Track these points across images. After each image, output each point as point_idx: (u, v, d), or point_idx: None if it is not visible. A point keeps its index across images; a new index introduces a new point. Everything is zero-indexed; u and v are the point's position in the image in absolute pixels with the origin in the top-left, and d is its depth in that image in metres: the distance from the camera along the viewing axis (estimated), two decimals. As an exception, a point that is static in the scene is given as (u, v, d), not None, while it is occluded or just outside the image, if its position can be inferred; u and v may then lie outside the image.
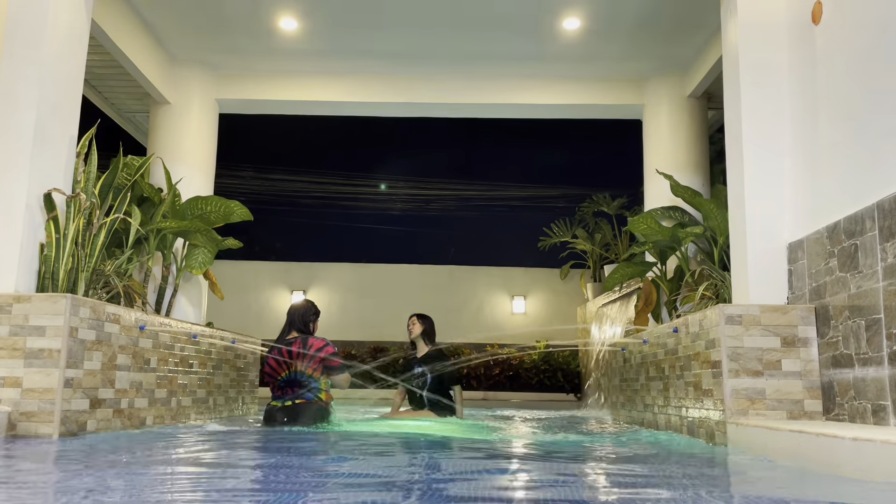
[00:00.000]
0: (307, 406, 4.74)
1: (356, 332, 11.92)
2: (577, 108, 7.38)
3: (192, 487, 2.12)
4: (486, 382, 10.45)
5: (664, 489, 2.17)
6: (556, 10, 6.10)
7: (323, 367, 4.82)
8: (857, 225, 3.56)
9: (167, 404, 5.06)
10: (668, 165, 6.86)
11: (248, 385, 6.88)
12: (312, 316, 5.08)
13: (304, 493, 1.98)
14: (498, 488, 2.11)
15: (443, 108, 7.53)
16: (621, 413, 6.26)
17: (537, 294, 12.52)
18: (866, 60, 3.61)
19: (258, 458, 2.97)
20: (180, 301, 6.37)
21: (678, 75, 7.06)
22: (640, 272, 6.48)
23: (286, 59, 7.00)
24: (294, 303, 5.23)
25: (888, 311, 3.27)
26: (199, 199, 6.17)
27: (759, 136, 4.42)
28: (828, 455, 2.78)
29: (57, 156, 4.35)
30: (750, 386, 3.87)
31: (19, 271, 4.03)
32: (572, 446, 3.70)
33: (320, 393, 4.81)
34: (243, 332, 6.93)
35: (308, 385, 4.78)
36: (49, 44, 4.30)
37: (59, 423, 3.79)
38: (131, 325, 4.55)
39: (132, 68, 6.23)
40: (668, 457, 3.28)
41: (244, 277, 12.16)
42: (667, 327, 4.93)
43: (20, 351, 3.83)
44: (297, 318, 5.00)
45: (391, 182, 19.78)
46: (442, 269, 12.75)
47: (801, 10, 4.29)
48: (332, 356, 4.83)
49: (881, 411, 3.32)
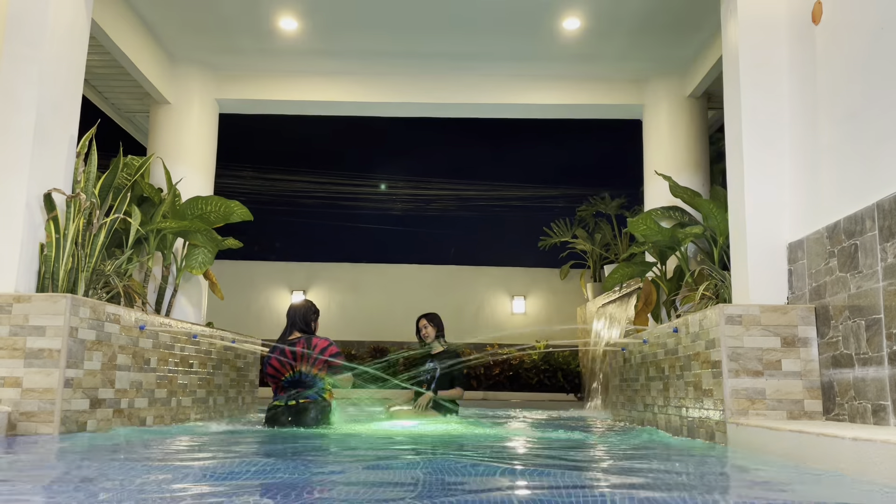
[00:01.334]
0: (312, 405, 4.74)
1: (356, 332, 11.93)
2: (577, 108, 7.38)
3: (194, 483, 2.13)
4: (486, 382, 10.46)
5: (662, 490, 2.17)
6: (556, 10, 6.10)
7: (327, 366, 4.81)
8: (857, 225, 3.56)
9: (167, 404, 5.06)
10: (667, 165, 6.86)
11: (248, 385, 6.88)
12: (313, 315, 5.08)
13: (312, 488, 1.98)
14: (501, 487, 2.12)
15: (442, 108, 7.52)
16: (621, 413, 6.26)
17: (537, 294, 12.52)
18: (866, 60, 3.61)
19: (264, 459, 2.97)
20: (180, 301, 6.37)
21: (678, 75, 7.06)
22: (640, 272, 6.48)
23: (286, 59, 7.00)
24: (293, 303, 5.22)
25: (888, 311, 3.27)
26: (199, 199, 6.17)
27: (758, 136, 4.42)
28: (828, 455, 2.78)
29: (57, 156, 4.35)
30: (750, 386, 3.87)
31: (19, 271, 4.03)
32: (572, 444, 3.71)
33: (324, 392, 4.82)
34: (243, 332, 6.93)
35: (313, 385, 4.78)
36: (49, 44, 4.30)
37: (59, 422, 3.79)
38: (131, 325, 4.56)
39: (132, 68, 6.23)
40: (668, 456, 3.29)
41: (244, 277, 12.16)
42: (667, 327, 4.93)
43: (20, 351, 3.84)
44: (298, 319, 4.99)
45: (391, 182, 19.78)
46: (442, 269, 12.75)
47: (801, 10, 4.29)
48: (336, 356, 4.83)
49: (881, 411, 3.32)
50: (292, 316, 5.02)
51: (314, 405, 4.74)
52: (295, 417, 4.70)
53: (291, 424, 4.69)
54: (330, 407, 4.82)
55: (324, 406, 4.77)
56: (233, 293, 10.57)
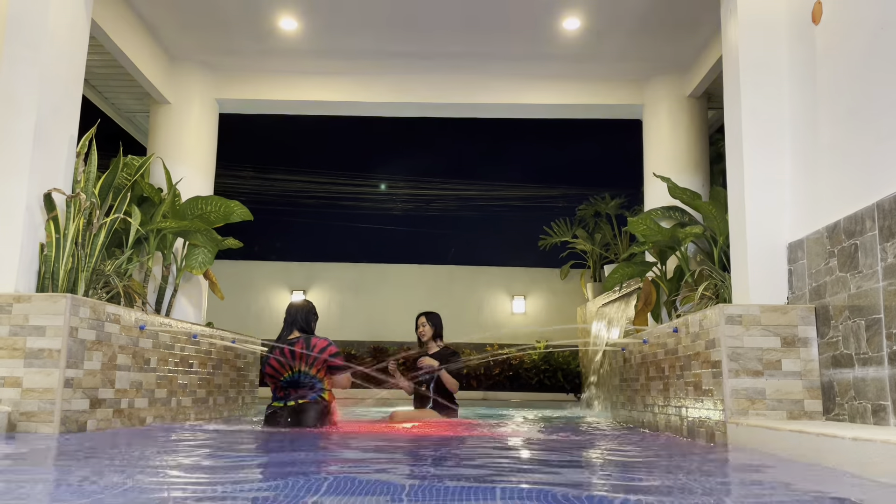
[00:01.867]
0: (311, 406, 4.67)
1: (356, 332, 11.93)
2: (577, 108, 7.39)
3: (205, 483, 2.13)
4: (486, 382, 10.46)
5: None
6: (556, 10, 6.10)
7: (326, 367, 4.76)
8: (857, 225, 3.56)
9: (167, 404, 5.06)
10: (667, 165, 6.86)
11: (248, 385, 6.88)
12: (314, 316, 5.01)
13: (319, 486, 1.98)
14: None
15: (443, 108, 7.53)
16: (621, 413, 6.26)
17: (537, 294, 12.52)
18: (866, 60, 3.61)
19: (261, 459, 2.97)
20: (180, 301, 6.37)
21: (678, 75, 7.06)
22: (640, 272, 6.48)
23: (286, 59, 7.00)
24: (293, 302, 5.15)
25: (888, 311, 3.27)
26: (199, 199, 6.17)
27: (759, 136, 4.42)
28: (828, 455, 2.78)
29: (57, 156, 4.35)
30: (750, 386, 3.87)
31: (19, 271, 4.03)
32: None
33: (324, 393, 4.75)
34: (243, 332, 6.93)
35: (312, 385, 4.72)
36: (49, 44, 4.30)
37: (59, 422, 3.79)
38: (131, 325, 4.56)
39: (132, 68, 6.23)
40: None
41: (244, 277, 12.16)
42: (667, 327, 4.93)
43: (20, 351, 3.84)
44: (299, 318, 4.91)
45: (391, 182, 19.78)
46: (442, 269, 12.75)
47: (801, 10, 4.29)
48: (335, 356, 4.78)
49: (881, 411, 3.32)
50: (293, 315, 4.94)
51: (314, 406, 4.67)
52: (294, 418, 4.64)
53: (290, 426, 4.62)
54: (330, 408, 4.77)
55: (324, 407, 4.72)
56: (233, 293, 10.57)
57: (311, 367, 4.71)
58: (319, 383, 4.75)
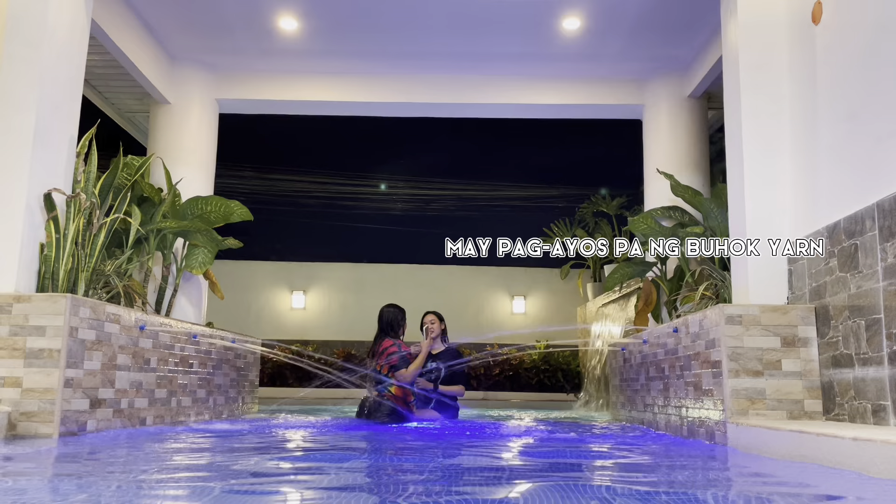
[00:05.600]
0: (382, 402, 5.35)
1: (356, 332, 11.90)
2: (577, 108, 7.38)
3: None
4: (486, 382, 10.45)
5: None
6: (556, 10, 6.10)
7: (389, 365, 5.41)
8: (857, 225, 3.56)
9: (167, 404, 5.06)
10: (668, 165, 6.85)
11: (248, 385, 6.88)
12: (398, 321, 5.64)
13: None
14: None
15: (443, 108, 7.53)
16: (621, 413, 6.26)
17: (537, 294, 12.52)
18: (866, 60, 3.61)
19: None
20: (180, 301, 6.36)
21: (678, 75, 7.06)
22: (640, 272, 6.48)
23: (286, 59, 7.00)
24: (382, 307, 5.75)
25: (888, 311, 3.27)
26: (199, 199, 6.17)
27: (759, 136, 4.42)
28: (828, 455, 2.78)
29: (57, 156, 4.35)
30: (750, 386, 3.87)
31: (19, 271, 4.03)
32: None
33: (390, 387, 5.40)
34: (243, 332, 6.93)
35: (381, 382, 5.44)
36: (49, 44, 4.30)
37: (59, 422, 3.79)
38: (131, 325, 4.55)
39: (132, 68, 6.23)
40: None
41: (244, 277, 12.14)
42: (667, 327, 4.93)
43: (20, 351, 3.83)
44: (385, 324, 5.62)
45: (391, 182, 19.77)
46: (442, 269, 12.74)
47: (801, 11, 4.29)
48: (391, 356, 5.38)
49: (881, 411, 3.32)
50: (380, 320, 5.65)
51: (383, 402, 5.34)
52: (369, 412, 5.39)
53: (367, 417, 5.37)
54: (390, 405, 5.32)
55: (388, 404, 5.31)
56: (233, 293, 10.55)
57: (380, 365, 5.42)
58: (387, 380, 5.40)
